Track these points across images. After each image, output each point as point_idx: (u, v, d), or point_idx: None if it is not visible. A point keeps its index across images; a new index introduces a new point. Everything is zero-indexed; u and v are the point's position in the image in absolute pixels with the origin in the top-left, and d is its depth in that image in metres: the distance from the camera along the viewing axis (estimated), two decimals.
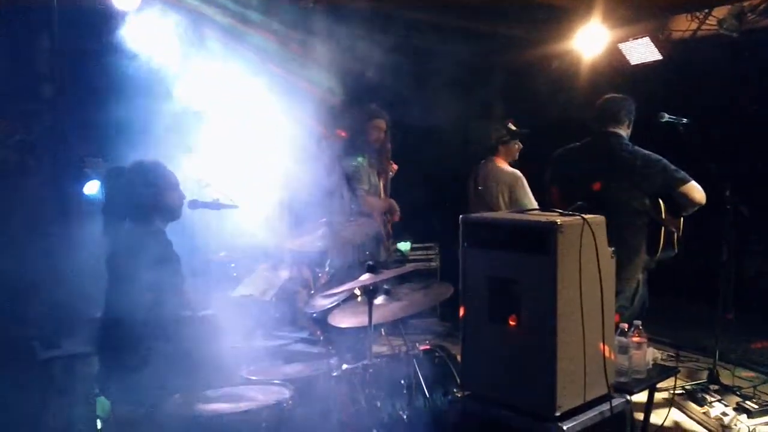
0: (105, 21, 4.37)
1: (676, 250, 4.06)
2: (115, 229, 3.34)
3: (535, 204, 5.06)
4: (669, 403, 3.97)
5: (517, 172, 5.22)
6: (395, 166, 5.41)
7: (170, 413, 2.77)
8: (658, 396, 3.64)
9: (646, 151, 3.98)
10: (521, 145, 5.38)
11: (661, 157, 3.95)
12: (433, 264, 7.13)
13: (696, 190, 3.91)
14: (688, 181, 3.90)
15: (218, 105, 4.40)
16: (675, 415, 4.19)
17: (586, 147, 4.19)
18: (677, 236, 4.04)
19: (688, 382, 4.71)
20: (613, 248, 2.77)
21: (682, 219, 4.08)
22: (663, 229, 3.98)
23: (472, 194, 5.41)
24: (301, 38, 5.60)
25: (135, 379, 3.09)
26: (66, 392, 3.93)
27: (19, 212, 4.38)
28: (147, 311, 3.09)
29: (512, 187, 5.12)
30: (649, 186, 3.92)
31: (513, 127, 5.32)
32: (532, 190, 5.19)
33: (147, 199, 3.32)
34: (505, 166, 5.26)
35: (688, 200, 3.92)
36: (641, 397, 3.32)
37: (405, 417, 3.20)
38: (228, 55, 4.43)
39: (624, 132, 4.13)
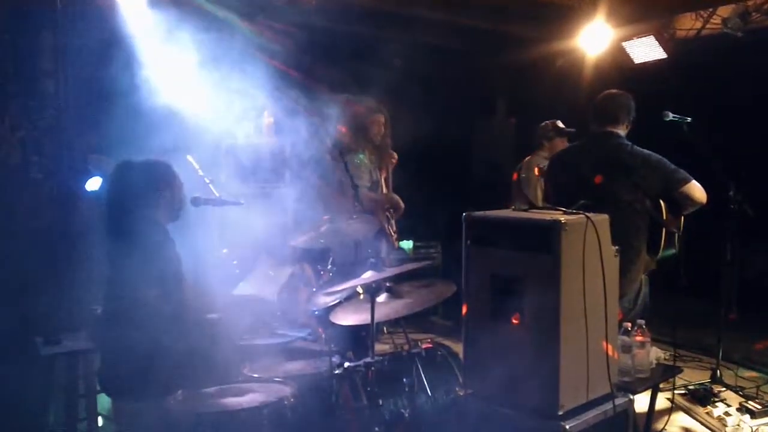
0: (108, 17, 4.36)
1: (677, 250, 4.03)
2: (117, 225, 3.34)
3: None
4: (672, 402, 3.96)
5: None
6: (395, 158, 5.43)
7: (172, 410, 2.76)
8: (661, 396, 3.63)
9: (646, 151, 3.93)
10: (567, 143, 5.50)
11: (660, 157, 3.91)
12: (435, 262, 7.12)
13: (697, 189, 3.87)
14: (689, 181, 3.86)
15: (223, 102, 4.40)
16: (677, 415, 4.17)
17: (584, 147, 4.15)
18: (678, 236, 4.01)
19: (690, 382, 4.70)
20: (617, 247, 2.76)
21: (682, 218, 4.05)
22: (664, 229, 3.95)
23: (514, 187, 5.57)
24: (303, 35, 5.61)
25: (137, 376, 3.09)
26: (68, 389, 3.93)
27: (22, 208, 4.38)
28: (148, 307, 3.09)
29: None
30: (650, 186, 3.87)
31: (560, 125, 5.54)
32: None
33: (152, 197, 3.33)
34: (541, 159, 5.43)
35: (689, 200, 3.88)
36: (644, 396, 3.31)
37: (407, 415, 3.19)
38: (230, 53, 4.42)
39: (622, 131, 4.06)
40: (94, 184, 4.46)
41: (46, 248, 4.32)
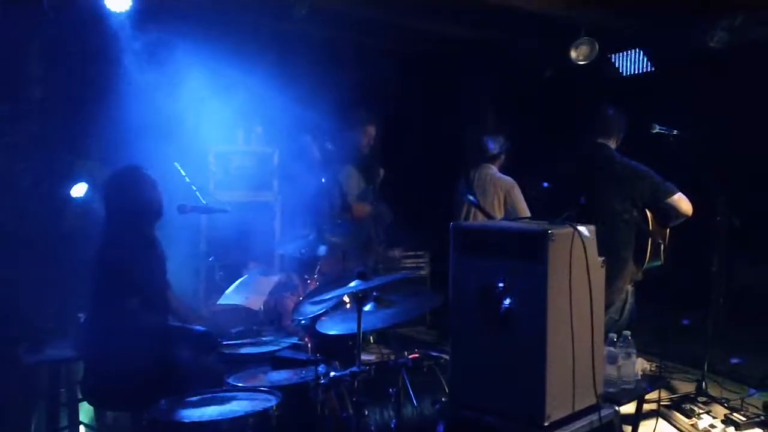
0: (96, 23, 4.35)
1: (663, 261, 4.11)
2: (101, 234, 3.33)
3: (527, 211, 5.12)
4: (657, 414, 3.96)
5: (511, 179, 5.31)
6: (381, 173, 5.43)
7: (155, 419, 2.73)
8: (646, 407, 3.62)
9: (635, 163, 4.05)
10: None
11: (648, 169, 4.02)
12: (423, 272, 7.10)
13: (683, 201, 3.99)
14: (675, 192, 3.98)
15: (211, 109, 4.39)
16: (662, 427, 4.17)
17: (576, 158, 4.24)
18: (664, 246, 4.09)
19: (676, 393, 4.70)
20: (603, 258, 2.77)
21: (668, 230, 4.12)
22: (650, 239, 4.02)
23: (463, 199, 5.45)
24: (297, 44, 5.61)
25: (119, 385, 3.05)
26: (50, 398, 3.88)
27: (7, 214, 4.34)
28: (132, 315, 3.07)
29: (508, 192, 5.21)
30: (638, 197, 3.98)
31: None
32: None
33: (127, 206, 3.31)
34: (498, 173, 5.37)
35: (675, 211, 4.00)
36: (629, 408, 3.31)
37: (393, 426, 3.17)
38: (220, 59, 4.42)
39: (613, 144, 4.19)
40: (79, 190, 4.43)
41: (32, 255, 4.28)
